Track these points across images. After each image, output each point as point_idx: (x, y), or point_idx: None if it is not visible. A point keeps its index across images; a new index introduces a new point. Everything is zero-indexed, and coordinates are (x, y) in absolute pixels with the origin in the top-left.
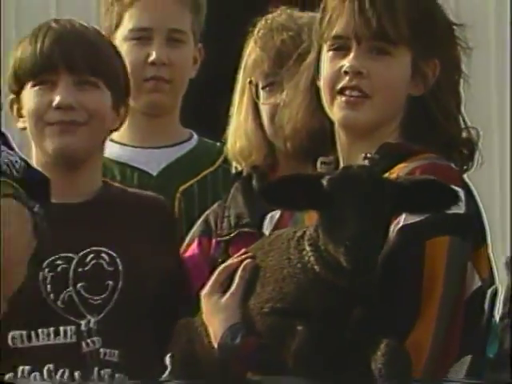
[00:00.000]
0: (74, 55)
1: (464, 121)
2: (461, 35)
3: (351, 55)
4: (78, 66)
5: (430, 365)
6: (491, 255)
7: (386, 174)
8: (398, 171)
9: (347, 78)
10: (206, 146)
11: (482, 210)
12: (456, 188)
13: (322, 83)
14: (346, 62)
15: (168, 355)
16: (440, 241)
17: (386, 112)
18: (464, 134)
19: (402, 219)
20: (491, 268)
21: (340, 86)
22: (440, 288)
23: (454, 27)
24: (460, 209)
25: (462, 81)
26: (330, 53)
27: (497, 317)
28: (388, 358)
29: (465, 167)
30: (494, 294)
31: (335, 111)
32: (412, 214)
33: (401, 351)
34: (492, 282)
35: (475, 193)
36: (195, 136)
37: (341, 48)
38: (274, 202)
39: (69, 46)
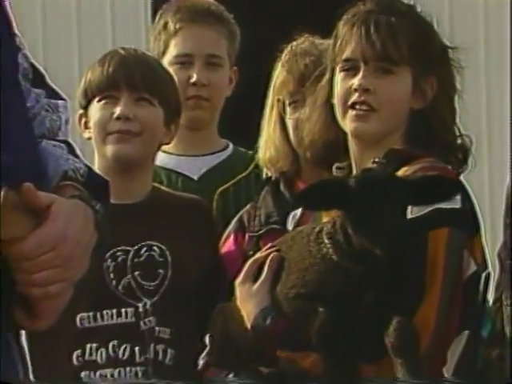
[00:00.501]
0: (134, 76)
1: (459, 129)
2: (454, 56)
3: (360, 75)
4: (137, 85)
5: (435, 339)
6: (484, 243)
7: None
8: (403, 173)
9: (357, 94)
10: (240, 154)
11: (476, 205)
12: (455, 179)
13: (336, 100)
14: (355, 81)
15: (207, 335)
16: (440, 232)
17: (390, 123)
18: (459, 141)
19: (408, 213)
20: (484, 255)
21: (351, 101)
22: (441, 273)
23: (449, 49)
24: (457, 204)
25: (456, 96)
26: (342, 73)
27: (490, 299)
28: (399, 333)
29: (460, 170)
30: (487, 278)
31: (347, 123)
32: (421, 205)
33: (409, 327)
34: (485, 266)
35: (469, 190)
36: (231, 145)
37: (351, 69)
38: (309, 205)
39: (130, 68)
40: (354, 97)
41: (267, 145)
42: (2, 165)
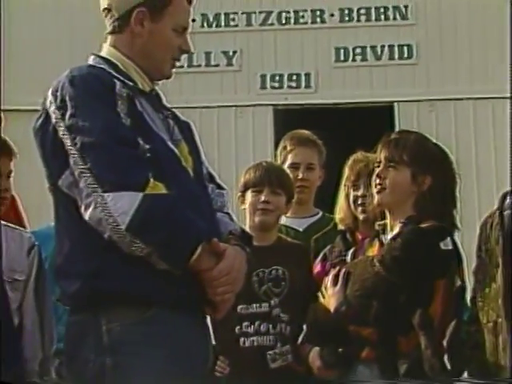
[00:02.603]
0: (272, 178)
1: (455, 206)
2: (447, 158)
3: (379, 168)
4: (273, 183)
5: (440, 323)
6: (465, 270)
7: None
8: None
9: (377, 179)
10: (325, 216)
11: (460, 248)
12: (448, 228)
13: None
14: (376, 171)
15: (304, 322)
16: None
17: (396, 197)
18: (451, 212)
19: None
20: (464, 276)
21: (374, 183)
22: (442, 286)
23: (444, 154)
24: (450, 247)
25: (454, 181)
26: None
27: (468, 298)
28: (421, 317)
29: (451, 228)
30: (465, 289)
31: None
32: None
33: (426, 316)
34: (464, 282)
35: (457, 239)
36: (320, 212)
37: (378, 167)
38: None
39: (270, 173)
40: (376, 181)
41: (339, 211)
42: (201, 228)
